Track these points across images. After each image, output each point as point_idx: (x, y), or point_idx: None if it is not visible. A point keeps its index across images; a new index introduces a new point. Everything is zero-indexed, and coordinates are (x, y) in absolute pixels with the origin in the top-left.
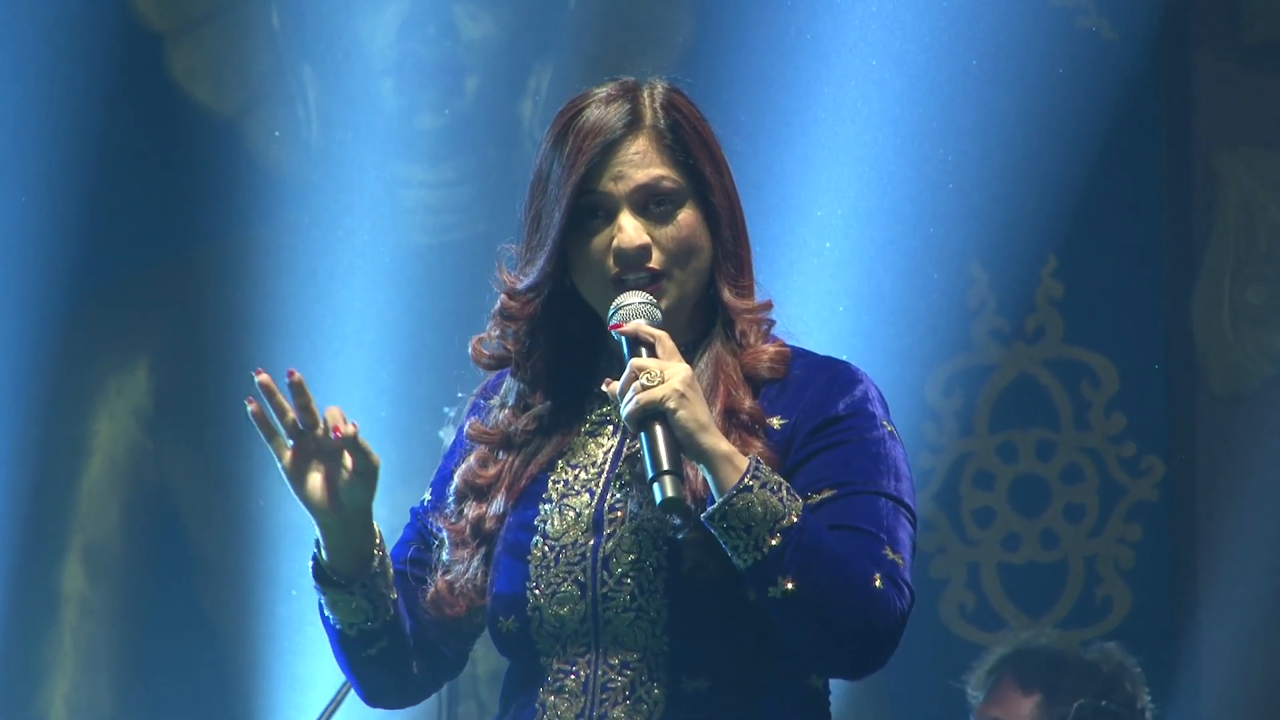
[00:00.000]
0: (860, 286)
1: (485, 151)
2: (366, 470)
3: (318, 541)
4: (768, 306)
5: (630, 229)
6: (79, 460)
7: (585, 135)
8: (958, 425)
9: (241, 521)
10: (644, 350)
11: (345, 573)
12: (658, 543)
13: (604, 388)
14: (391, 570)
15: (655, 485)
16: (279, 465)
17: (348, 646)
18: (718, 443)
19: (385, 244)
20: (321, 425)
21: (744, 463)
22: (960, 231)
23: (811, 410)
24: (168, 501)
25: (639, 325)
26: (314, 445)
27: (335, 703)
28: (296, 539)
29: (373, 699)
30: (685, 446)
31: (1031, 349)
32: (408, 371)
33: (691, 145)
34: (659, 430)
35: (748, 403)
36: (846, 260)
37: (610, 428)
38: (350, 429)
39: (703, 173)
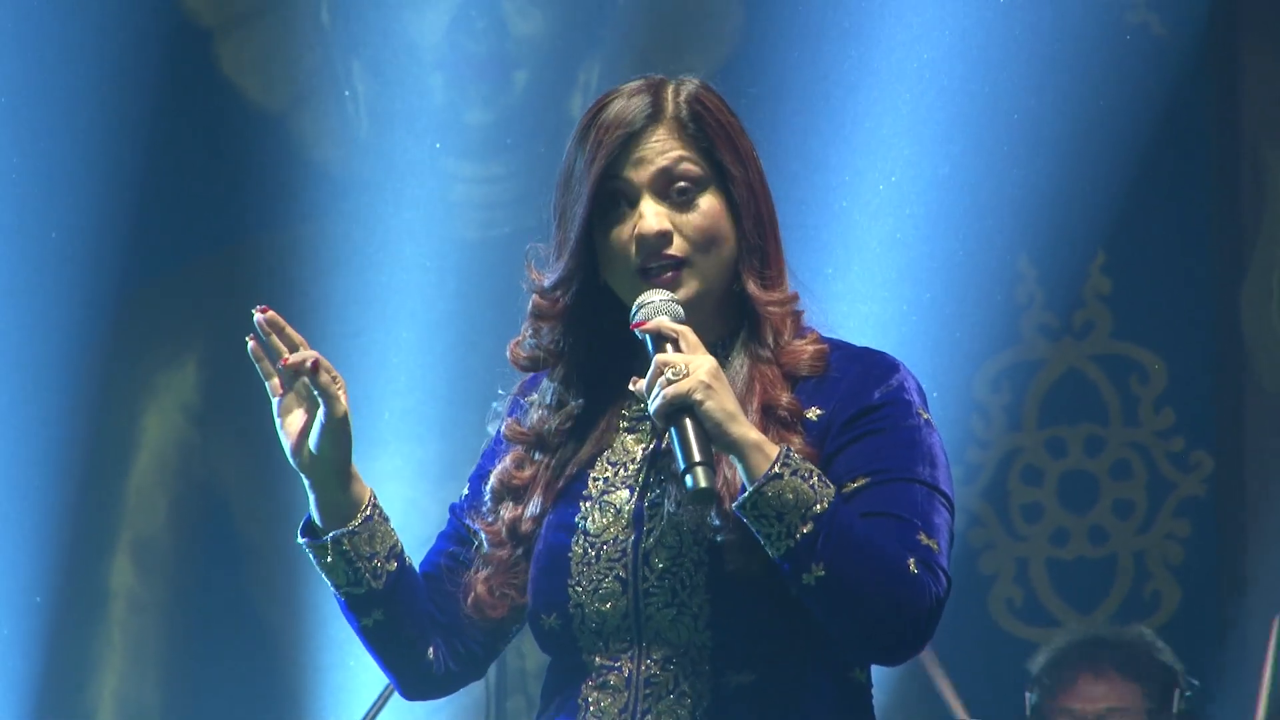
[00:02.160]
0: (909, 282)
1: (534, 146)
2: (333, 422)
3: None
4: (795, 298)
5: (651, 215)
6: (127, 455)
7: (606, 128)
8: (1006, 420)
9: (290, 516)
10: (668, 346)
11: (325, 529)
12: (697, 538)
13: (631, 387)
14: (389, 540)
15: (687, 476)
16: (273, 407)
17: (348, 616)
18: (747, 432)
19: (434, 239)
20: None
21: (774, 451)
22: (1008, 226)
23: (847, 400)
24: (216, 496)
25: (661, 322)
26: (304, 391)
27: (383, 698)
28: None
29: (401, 686)
30: (714, 437)
31: (1080, 344)
32: (456, 367)
33: (713, 135)
34: (688, 423)
35: (785, 398)
36: (896, 255)
37: (648, 424)
38: (301, 357)
39: (724, 162)
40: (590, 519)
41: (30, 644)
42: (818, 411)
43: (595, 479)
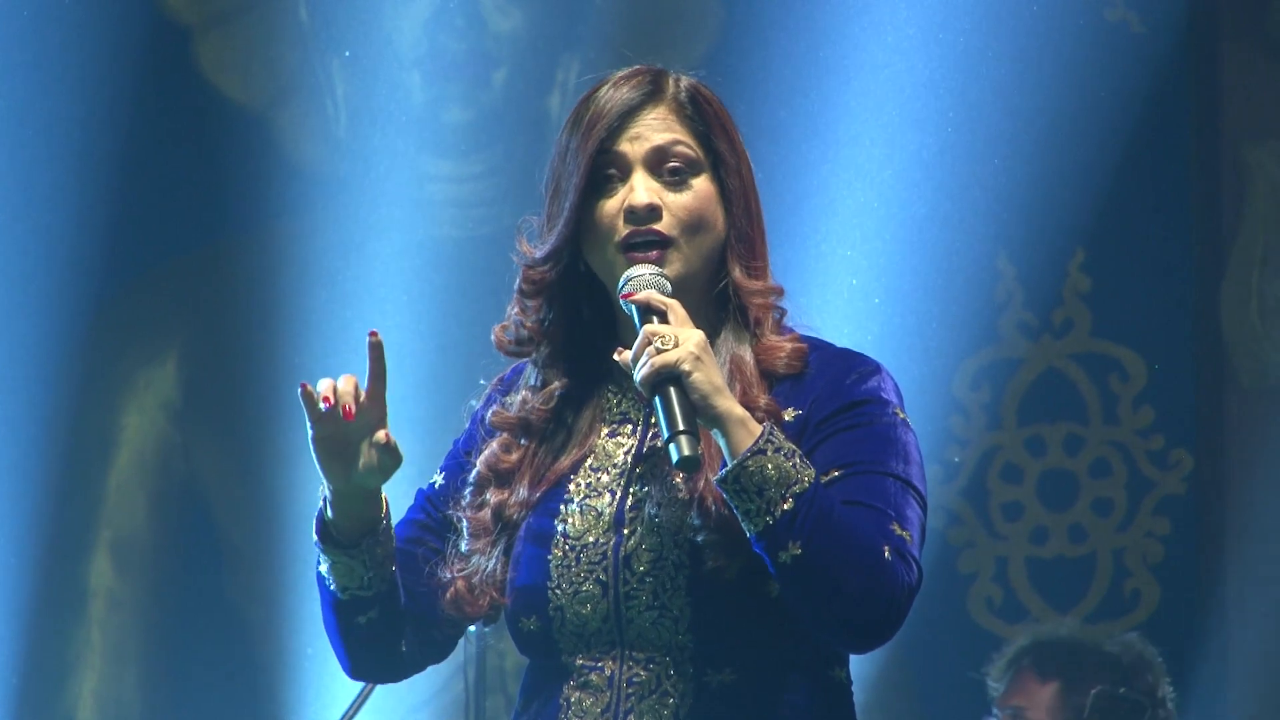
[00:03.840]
0: (888, 280)
1: (513, 145)
2: (388, 465)
3: (325, 499)
4: (779, 291)
5: (642, 188)
6: (107, 453)
7: (606, 102)
8: (985, 419)
9: (270, 514)
10: (655, 318)
11: (348, 534)
12: (678, 541)
13: (615, 356)
14: (394, 543)
15: (671, 445)
16: (308, 426)
17: (339, 610)
18: (732, 406)
19: (413, 237)
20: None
21: (758, 427)
22: (988, 225)
23: (825, 398)
24: (196, 494)
25: (651, 294)
26: (347, 422)
27: (363, 695)
28: None
29: (355, 670)
30: (700, 409)
31: (1059, 343)
32: (434, 365)
33: (710, 121)
34: (673, 393)
35: (763, 399)
36: (874, 254)
37: (629, 426)
38: (383, 438)
39: (719, 149)
40: (570, 522)
41: (9, 642)
42: (794, 412)
43: (577, 484)
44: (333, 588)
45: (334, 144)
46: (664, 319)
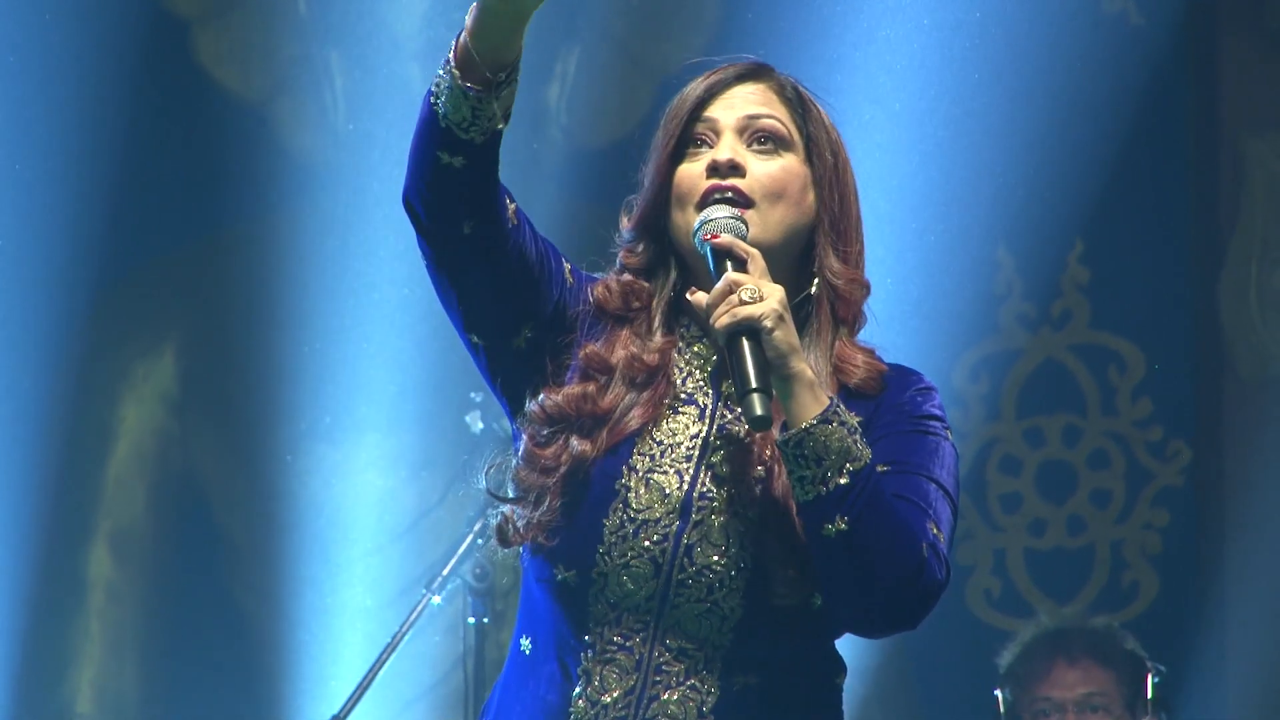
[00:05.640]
0: (887, 271)
1: (512, 135)
2: None
3: (468, 25)
4: (867, 286)
5: (726, 146)
6: (106, 445)
7: (704, 78)
8: (984, 411)
9: (268, 505)
10: (729, 265)
11: (476, 69)
12: (745, 543)
13: (689, 296)
14: (511, 101)
15: (744, 402)
16: None
17: (431, 132)
18: (805, 370)
19: (411, 229)
20: None
21: (826, 397)
22: (987, 216)
23: (885, 408)
24: (194, 486)
25: (734, 240)
26: None
27: (361, 688)
28: (322, 523)
29: (411, 190)
30: (775, 367)
31: (1058, 334)
32: (434, 356)
33: (809, 108)
34: (748, 346)
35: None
36: (873, 244)
37: (694, 409)
38: None
39: (813, 133)
40: (635, 494)
41: (9, 633)
42: (856, 419)
43: (640, 454)
44: (436, 103)
45: (333, 135)
46: (743, 268)
